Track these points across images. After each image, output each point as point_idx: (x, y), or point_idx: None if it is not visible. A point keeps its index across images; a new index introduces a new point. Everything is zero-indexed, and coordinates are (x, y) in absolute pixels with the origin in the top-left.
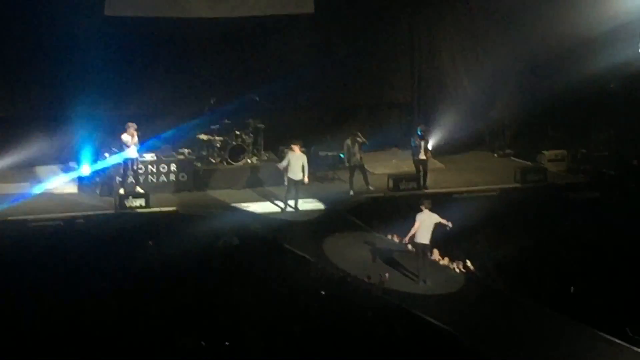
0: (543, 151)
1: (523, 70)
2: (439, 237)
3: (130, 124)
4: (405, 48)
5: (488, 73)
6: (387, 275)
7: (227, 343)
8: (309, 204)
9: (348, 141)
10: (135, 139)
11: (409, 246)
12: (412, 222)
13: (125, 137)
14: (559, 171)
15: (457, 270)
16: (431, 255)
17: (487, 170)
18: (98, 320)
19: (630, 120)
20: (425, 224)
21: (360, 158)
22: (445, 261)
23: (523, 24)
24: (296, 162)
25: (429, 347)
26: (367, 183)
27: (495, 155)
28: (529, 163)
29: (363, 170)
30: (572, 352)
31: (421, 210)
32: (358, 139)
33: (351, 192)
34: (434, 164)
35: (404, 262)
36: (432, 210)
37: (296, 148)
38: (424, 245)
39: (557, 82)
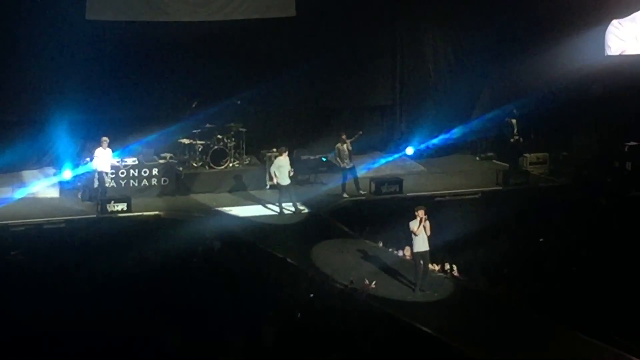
0: (525, 154)
1: (505, 72)
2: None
3: (104, 138)
4: (387, 51)
5: (471, 75)
6: (374, 282)
7: (208, 347)
8: (291, 208)
9: (339, 145)
10: (108, 151)
11: (407, 255)
12: (395, 225)
13: (98, 151)
14: (541, 174)
15: (441, 274)
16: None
17: (469, 173)
18: (80, 324)
19: (612, 122)
20: (422, 231)
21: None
22: (432, 266)
23: (507, 25)
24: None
25: (416, 352)
26: (357, 187)
27: (477, 158)
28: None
29: (354, 174)
30: (556, 354)
31: (416, 218)
32: (344, 141)
33: (344, 195)
34: (416, 167)
35: (392, 269)
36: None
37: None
38: (423, 252)
39: (539, 85)
